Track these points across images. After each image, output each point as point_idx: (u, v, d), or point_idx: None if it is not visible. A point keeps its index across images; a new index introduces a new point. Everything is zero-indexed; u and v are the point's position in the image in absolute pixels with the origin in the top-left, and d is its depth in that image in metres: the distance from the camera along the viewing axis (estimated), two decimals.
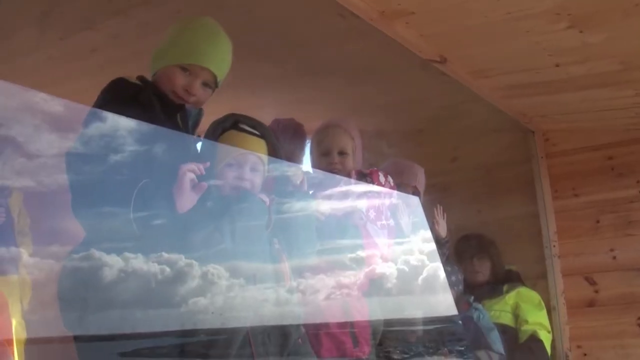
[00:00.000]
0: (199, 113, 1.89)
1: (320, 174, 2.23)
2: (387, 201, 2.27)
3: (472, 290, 3.01)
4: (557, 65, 2.67)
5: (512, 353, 2.90)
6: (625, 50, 2.53)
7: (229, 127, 1.86)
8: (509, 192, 3.33)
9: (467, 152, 3.41)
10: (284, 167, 2.00)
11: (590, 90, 2.86)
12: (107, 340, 1.51)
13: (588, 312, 3.26)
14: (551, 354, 3.04)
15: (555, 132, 3.24)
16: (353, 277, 2.24)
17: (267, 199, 1.79)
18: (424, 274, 3.10)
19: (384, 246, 2.20)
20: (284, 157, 1.99)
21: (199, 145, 1.90)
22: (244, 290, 1.66)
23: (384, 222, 2.22)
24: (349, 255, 2.66)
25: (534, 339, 2.94)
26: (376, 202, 2.23)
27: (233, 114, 1.90)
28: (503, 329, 2.94)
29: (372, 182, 2.17)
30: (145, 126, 1.71)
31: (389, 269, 3.24)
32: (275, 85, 2.78)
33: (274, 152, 1.92)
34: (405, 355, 2.84)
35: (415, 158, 3.41)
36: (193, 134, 1.90)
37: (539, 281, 3.22)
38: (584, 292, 3.28)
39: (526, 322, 2.97)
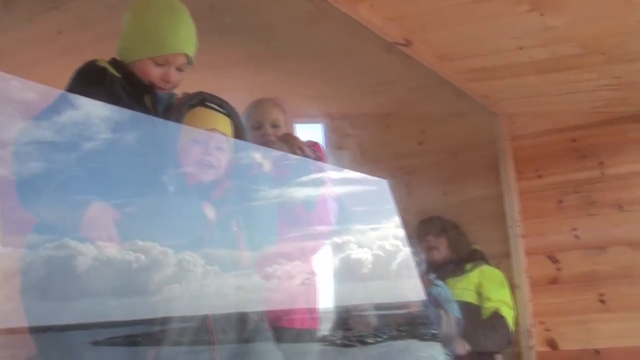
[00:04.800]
0: (171, 97, 1.91)
1: (294, 158, 2.24)
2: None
3: (436, 270, 3.08)
4: (520, 49, 2.71)
5: (475, 329, 2.98)
6: (586, 34, 2.59)
7: (196, 104, 1.88)
8: (475, 174, 3.40)
9: (433, 135, 3.46)
10: (249, 150, 2.02)
11: (553, 73, 2.91)
12: (80, 330, 1.53)
13: (551, 290, 3.36)
14: (514, 330, 3.12)
15: (520, 115, 3.30)
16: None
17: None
18: (398, 259, 3.16)
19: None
20: (249, 139, 2.01)
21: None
22: (207, 276, 1.68)
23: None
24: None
25: (497, 316, 3.03)
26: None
27: (200, 92, 1.91)
28: (466, 307, 3.02)
29: (318, 156, 2.15)
30: (115, 111, 1.73)
31: (364, 255, 3.29)
32: (241, 67, 2.79)
33: (239, 133, 1.94)
34: (379, 339, 2.91)
35: (383, 141, 3.46)
36: (165, 117, 1.91)
37: (503, 260, 3.30)
38: (547, 270, 3.38)
39: (489, 299, 3.05)
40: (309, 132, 3.19)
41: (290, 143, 2.05)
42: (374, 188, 3.48)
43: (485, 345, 3.00)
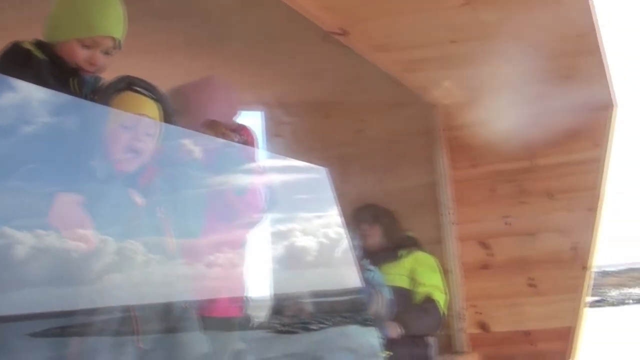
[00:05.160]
0: (97, 80, 1.89)
1: (225, 144, 2.24)
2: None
3: (371, 256, 3.15)
4: (454, 42, 2.80)
5: (408, 313, 3.07)
6: (518, 30, 2.68)
7: (124, 88, 1.87)
8: (410, 162, 3.47)
9: (371, 124, 3.52)
10: (179, 136, 2.02)
11: (484, 67, 3.01)
12: (17, 321, 1.50)
13: (482, 274, 3.49)
14: (446, 314, 3.23)
15: (455, 106, 3.39)
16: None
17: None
18: (342, 246, 3.21)
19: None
20: (179, 124, 2.00)
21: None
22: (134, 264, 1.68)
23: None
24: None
25: (429, 300, 3.11)
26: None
27: (128, 76, 1.89)
28: (399, 291, 3.09)
29: (244, 138, 2.15)
30: (43, 94, 1.70)
31: (309, 242, 3.33)
32: (176, 53, 2.77)
33: (169, 118, 1.94)
34: (323, 326, 2.96)
35: (321, 129, 3.50)
36: (91, 101, 1.89)
37: (436, 246, 3.40)
38: (478, 255, 3.50)
39: (422, 284, 3.14)
40: (248, 119, 3.20)
41: (214, 129, 2.06)
42: (314, 176, 3.52)
43: (417, 328, 3.09)
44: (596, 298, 25.94)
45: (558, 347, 3.47)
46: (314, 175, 3.53)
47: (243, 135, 2.11)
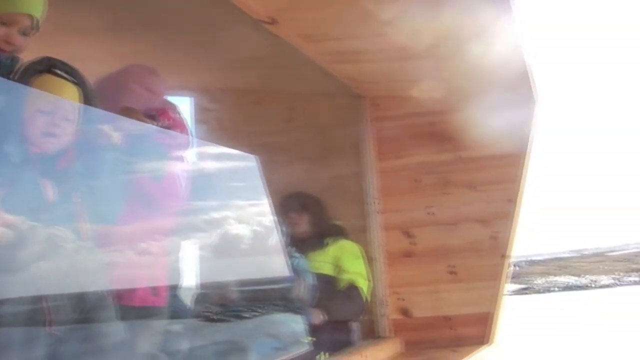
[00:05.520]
0: (14, 61, 1.84)
1: (145, 129, 2.22)
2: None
3: (297, 244, 3.20)
4: (381, 35, 2.86)
5: (332, 300, 3.15)
6: (442, 26, 2.77)
7: (43, 70, 1.83)
8: (338, 152, 3.54)
9: (301, 113, 3.56)
10: (100, 120, 1.99)
11: (412, 61, 3.09)
12: None
13: (406, 262, 3.60)
14: (370, 300, 3.33)
15: (383, 98, 3.47)
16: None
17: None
18: (275, 234, 3.24)
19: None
20: (99, 108, 1.97)
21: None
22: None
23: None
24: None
25: (353, 287, 3.21)
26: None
27: (48, 58, 1.84)
28: (324, 278, 3.16)
29: (165, 123, 2.13)
30: None
31: (243, 230, 3.33)
32: (102, 36, 2.71)
33: (89, 102, 1.91)
34: (255, 314, 2.98)
35: (251, 117, 3.51)
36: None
37: (362, 235, 3.48)
38: (402, 244, 3.61)
39: (346, 271, 3.22)
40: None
41: (130, 116, 2.04)
42: (245, 164, 3.53)
43: (340, 314, 3.18)
44: (523, 286, 27.20)
45: (477, 332, 3.63)
46: (245, 163, 3.54)
47: (164, 121, 2.10)
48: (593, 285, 25.81)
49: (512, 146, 3.57)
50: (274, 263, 3.28)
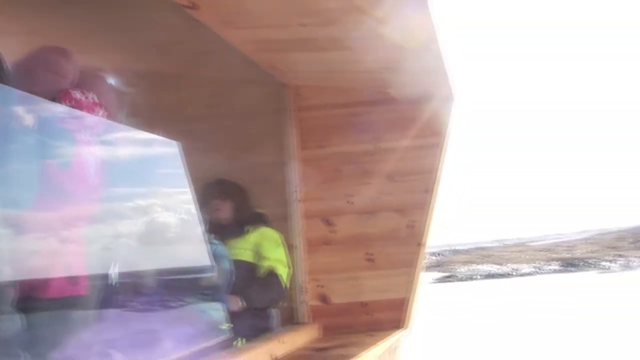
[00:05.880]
0: None
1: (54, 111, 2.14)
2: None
3: (218, 231, 3.20)
4: (303, 25, 2.89)
5: (251, 286, 3.18)
6: (360, 19, 2.82)
7: None
8: (261, 140, 3.55)
9: (223, 100, 3.54)
10: (13, 101, 1.92)
11: (333, 52, 3.14)
12: None
13: (325, 250, 3.67)
14: (289, 287, 3.38)
15: (306, 87, 3.51)
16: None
17: None
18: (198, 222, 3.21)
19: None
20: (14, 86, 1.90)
21: None
22: None
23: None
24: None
25: (272, 274, 3.25)
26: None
27: None
28: (244, 265, 3.20)
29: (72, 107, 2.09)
30: None
31: (170, 218, 3.29)
32: (19, 10, 2.60)
33: (2, 80, 1.84)
34: (182, 303, 2.96)
35: (173, 103, 3.47)
36: None
37: (283, 222, 3.52)
38: (322, 232, 3.68)
39: (266, 258, 3.26)
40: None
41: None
42: (167, 150, 3.48)
43: (259, 301, 3.22)
44: (446, 274, 28.10)
45: (393, 317, 3.75)
46: (167, 149, 3.50)
47: (65, 104, 2.04)
48: (514, 274, 26.88)
49: (429, 139, 3.70)
50: (198, 251, 3.27)
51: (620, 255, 28.16)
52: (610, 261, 27.22)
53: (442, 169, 3.80)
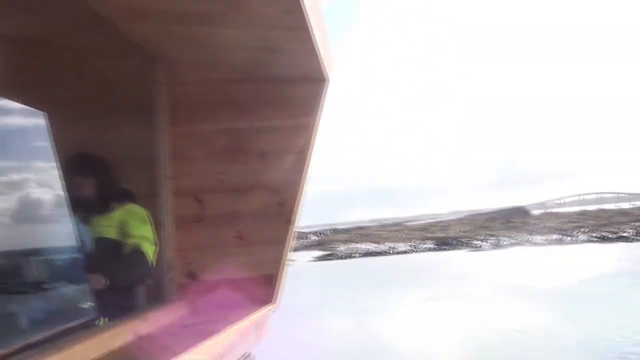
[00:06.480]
0: None
1: None
2: None
3: (83, 207, 3.11)
4: None
5: (115, 264, 3.12)
6: None
7: None
8: (131, 115, 3.44)
9: (92, 70, 3.38)
10: None
11: (208, 27, 3.11)
12: None
13: (195, 227, 3.68)
14: (156, 264, 3.34)
15: (179, 62, 3.43)
16: None
17: None
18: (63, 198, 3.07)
19: None
20: None
21: None
22: None
23: None
24: None
25: (137, 251, 3.19)
26: None
27: None
28: (108, 242, 3.13)
29: None
30: None
31: (45, 194, 3.11)
32: None
33: None
34: (55, 284, 2.83)
35: (39, 70, 3.27)
36: None
37: (151, 200, 3.46)
38: (192, 209, 3.68)
39: (131, 235, 3.20)
40: None
41: None
42: (34, 120, 3.30)
43: (124, 279, 3.16)
44: (327, 252, 28.86)
45: (262, 293, 3.84)
46: (34, 120, 3.32)
47: None
48: (391, 252, 28.02)
49: (301, 119, 3.79)
50: (62, 230, 3.15)
51: (491, 235, 30.11)
52: (482, 240, 29.00)
53: (313, 149, 3.91)
